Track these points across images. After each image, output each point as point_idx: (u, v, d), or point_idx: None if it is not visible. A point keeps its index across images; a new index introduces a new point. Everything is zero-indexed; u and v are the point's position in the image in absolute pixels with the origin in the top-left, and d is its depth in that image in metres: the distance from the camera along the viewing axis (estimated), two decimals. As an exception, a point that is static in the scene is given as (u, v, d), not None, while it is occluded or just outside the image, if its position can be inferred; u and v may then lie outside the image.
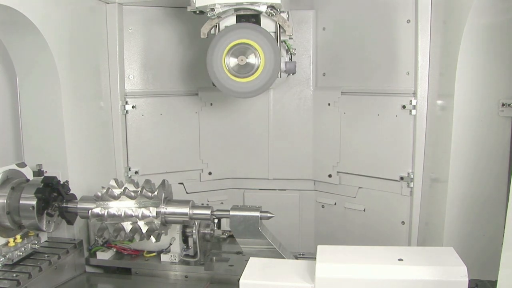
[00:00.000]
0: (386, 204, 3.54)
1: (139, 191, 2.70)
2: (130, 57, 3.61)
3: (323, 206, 3.97)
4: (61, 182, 2.75)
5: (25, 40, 2.75)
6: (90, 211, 2.68)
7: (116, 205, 2.67)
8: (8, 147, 3.31)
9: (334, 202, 3.88)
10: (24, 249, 2.67)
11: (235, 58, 2.77)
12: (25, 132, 3.02)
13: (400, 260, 2.03)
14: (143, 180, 2.83)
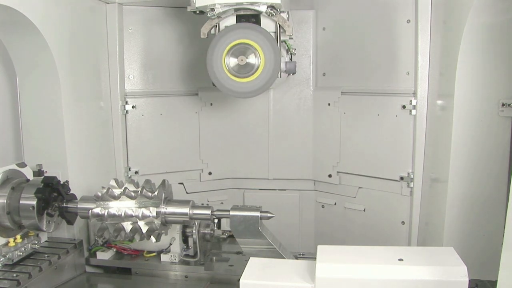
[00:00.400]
0: (386, 204, 3.54)
1: (139, 191, 2.69)
2: (130, 57, 3.61)
3: (323, 206, 3.97)
4: (61, 182, 2.75)
5: (25, 40, 2.74)
6: (90, 211, 2.68)
7: (116, 205, 2.67)
8: (8, 147, 3.31)
9: (334, 202, 3.88)
10: (24, 249, 2.66)
11: (235, 58, 2.77)
12: (25, 132, 3.01)
13: (400, 260, 2.04)
14: (143, 180, 2.83)
